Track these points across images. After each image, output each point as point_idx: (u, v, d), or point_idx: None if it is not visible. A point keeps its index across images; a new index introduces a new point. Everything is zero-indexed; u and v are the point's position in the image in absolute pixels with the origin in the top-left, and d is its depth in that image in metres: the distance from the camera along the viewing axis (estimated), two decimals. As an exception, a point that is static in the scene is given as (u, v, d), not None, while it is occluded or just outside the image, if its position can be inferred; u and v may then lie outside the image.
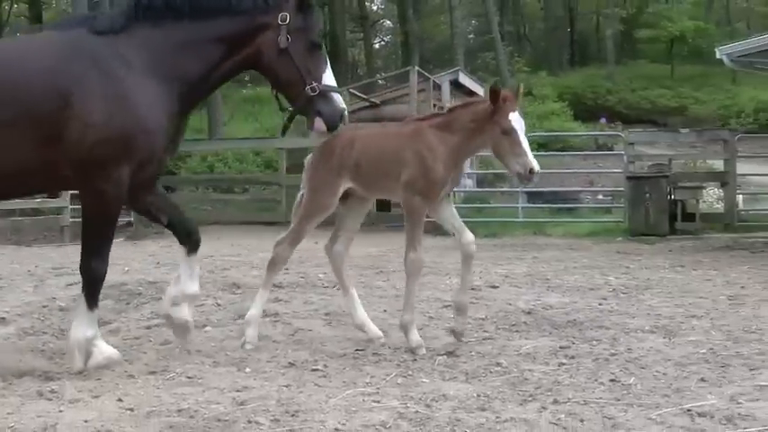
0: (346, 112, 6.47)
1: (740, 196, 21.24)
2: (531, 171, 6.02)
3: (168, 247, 15.08)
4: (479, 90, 29.36)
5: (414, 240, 6.44)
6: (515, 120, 6.12)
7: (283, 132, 7.56)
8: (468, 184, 26.22)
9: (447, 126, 6.46)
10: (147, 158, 6.01)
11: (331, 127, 6.39)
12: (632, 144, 20.40)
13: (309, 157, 7.24)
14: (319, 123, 6.36)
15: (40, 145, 5.78)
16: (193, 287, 6.62)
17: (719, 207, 20.83)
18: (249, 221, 20.84)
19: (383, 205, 20.99)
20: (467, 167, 26.66)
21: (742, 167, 21.12)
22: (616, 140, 31.06)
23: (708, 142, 25.04)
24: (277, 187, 22.42)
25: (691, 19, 54.63)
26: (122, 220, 19.68)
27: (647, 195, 18.30)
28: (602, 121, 39.95)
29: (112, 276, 10.69)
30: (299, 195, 7.25)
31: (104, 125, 5.77)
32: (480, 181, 26.64)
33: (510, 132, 6.11)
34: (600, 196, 24.86)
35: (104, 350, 6.07)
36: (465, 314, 6.73)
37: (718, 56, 21.60)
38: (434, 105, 23.61)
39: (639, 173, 19.54)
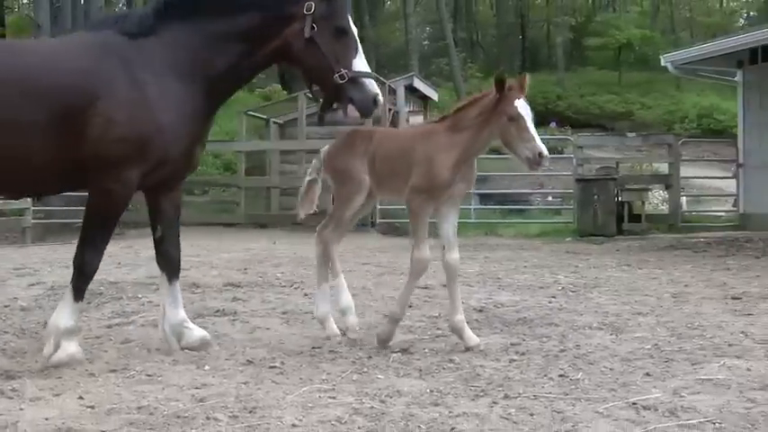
0: (379, 97, 6.22)
1: (684, 198, 21.54)
2: (540, 155, 5.89)
3: (128, 248, 14.99)
4: (433, 95, 29.46)
5: (418, 240, 6.30)
6: (521, 106, 6.00)
7: (320, 122, 7.14)
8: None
9: (455, 126, 6.29)
10: (162, 161, 5.93)
11: (364, 113, 6.23)
12: (581, 148, 20.59)
13: (326, 147, 7.20)
14: (352, 110, 6.16)
15: (66, 144, 5.74)
16: (179, 314, 6.51)
17: (664, 208, 21.06)
18: (208, 222, 20.74)
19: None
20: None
21: (685, 170, 21.40)
22: (566, 144, 31.15)
23: (653, 146, 25.36)
24: (236, 189, 22.38)
25: (637, 28, 55.06)
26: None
27: (596, 197, 18.47)
28: (553, 125, 40.14)
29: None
30: (304, 182, 7.23)
31: (124, 125, 5.73)
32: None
33: (517, 118, 5.97)
34: (550, 198, 25.02)
35: (70, 347, 5.93)
36: (464, 332, 6.43)
37: (663, 63, 21.92)
38: (389, 110, 23.63)
39: (588, 176, 19.71)
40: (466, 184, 6.45)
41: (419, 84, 27.05)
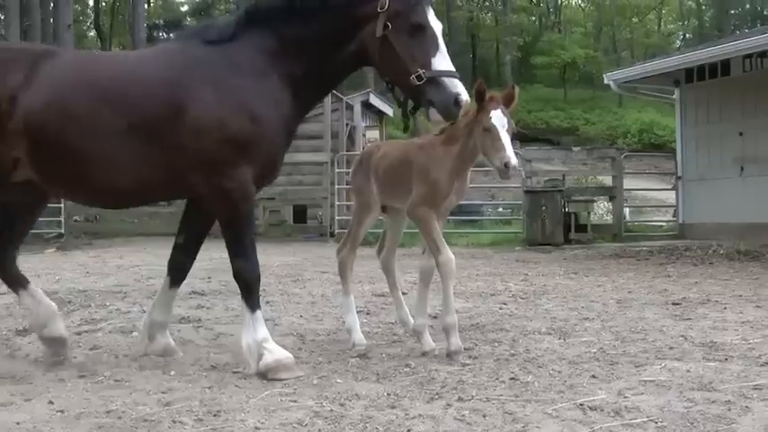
0: (462, 96, 5.57)
1: (627, 209, 21.76)
2: (507, 165, 5.64)
3: (97, 257, 14.84)
4: (389, 111, 29.48)
5: (436, 244, 6.09)
6: (496, 117, 5.79)
7: (405, 129, 6.60)
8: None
9: (450, 137, 6.15)
10: (267, 162, 5.77)
11: (446, 115, 5.62)
12: (530, 161, 20.71)
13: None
14: (434, 113, 5.63)
15: (164, 154, 5.60)
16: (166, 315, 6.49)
17: (608, 219, 21.22)
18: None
19: (299, 217, 20.98)
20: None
21: (628, 183, 21.61)
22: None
23: (597, 160, 25.54)
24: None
25: (581, 48, 55.71)
26: (53, 231, 19.34)
27: (544, 208, 18.57)
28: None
29: (43, 286, 10.49)
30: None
31: (218, 129, 5.54)
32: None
33: (490, 129, 5.78)
34: (500, 209, 25.16)
35: (275, 353, 5.67)
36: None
37: (605, 81, 22.15)
38: (347, 125, 23.65)
39: (536, 187, 19.82)
40: (457, 197, 6.35)
41: (375, 100, 27.11)
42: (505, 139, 5.78)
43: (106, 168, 5.70)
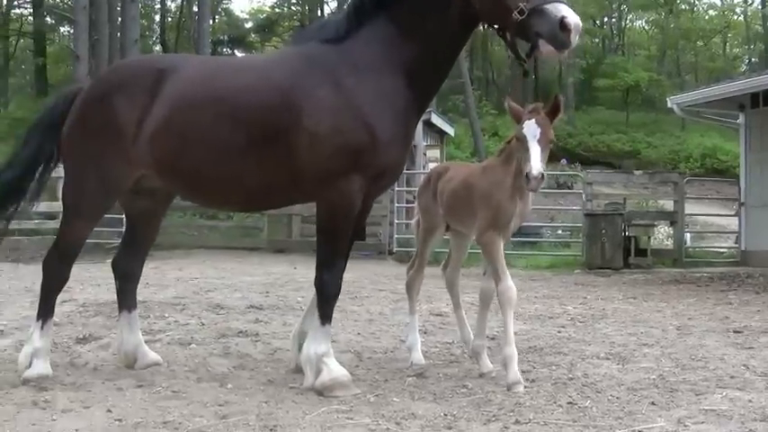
0: (568, 18, 5.08)
1: (688, 234, 21.42)
2: (527, 175, 5.53)
3: (156, 269, 14.99)
4: (450, 130, 29.48)
5: (498, 271, 5.99)
6: (527, 127, 5.69)
7: (525, 74, 6.49)
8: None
9: (507, 157, 6.08)
10: (383, 170, 5.73)
11: (558, 45, 5.17)
12: (590, 184, 20.49)
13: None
14: (544, 45, 5.19)
15: (282, 162, 5.62)
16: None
17: (669, 244, 20.90)
18: (232, 247, 20.73)
19: (356, 234, 20.97)
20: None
21: (690, 208, 21.32)
22: (575, 180, 31.23)
23: (659, 184, 25.21)
24: (259, 215, 22.35)
25: (645, 70, 55.23)
26: (114, 241, 19.60)
27: (604, 231, 18.37)
28: (563, 162, 40.10)
29: (103, 295, 10.64)
30: (413, 222, 7.25)
31: (332, 137, 5.48)
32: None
33: (520, 138, 5.71)
34: (560, 231, 24.93)
35: (333, 370, 5.66)
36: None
37: (669, 105, 21.88)
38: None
39: (596, 210, 19.62)
40: (520, 218, 6.21)
41: (437, 119, 27.07)
42: (534, 148, 5.64)
43: (227, 178, 5.80)
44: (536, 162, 5.58)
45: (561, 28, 5.10)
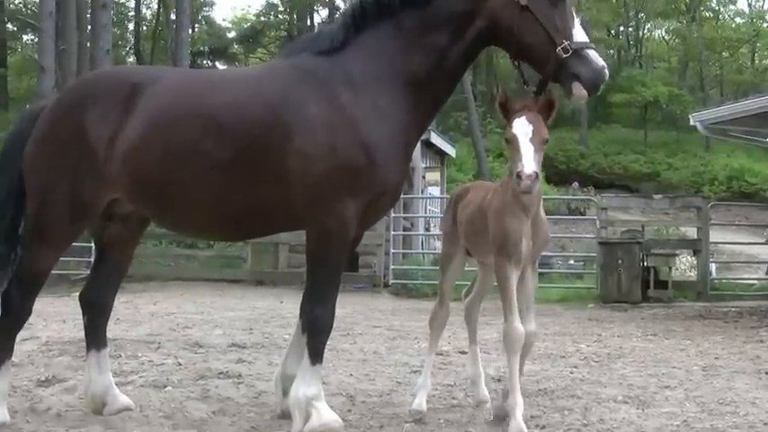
0: (606, 69, 5.66)
1: (713, 264, 21.42)
2: (518, 174, 5.36)
3: (128, 303, 14.95)
4: (451, 150, 29.53)
5: (505, 309, 5.85)
6: (517, 125, 5.55)
7: (536, 93, 6.66)
8: (438, 246, 26.22)
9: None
10: (380, 193, 5.68)
11: (592, 89, 5.60)
12: (605, 209, 20.54)
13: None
14: (578, 89, 5.53)
15: (271, 184, 5.58)
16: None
17: (692, 275, 20.95)
18: (212, 278, 20.74)
19: (350, 265, 20.99)
20: (436, 228, 26.71)
21: (715, 235, 21.32)
22: (588, 205, 31.29)
23: (681, 209, 25.29)
24: (242, 244, 22.35)
25: (665, 85, 55.44)
26: (81, 272, 19.59)
27: (620, 262, 18.38)
28: (575, 185, 40.26)
29: (69, 332, 10.60)
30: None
31: (326, 156, 5.46)
32: (450, 243, 26.65)
33: (510, 139, 5.56)
34: (571, 261, 24.94)
35: (324, 415, 5.58)
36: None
37: (691, 122, 21.90)
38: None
39: (612, 239, 19.66)
40: (535, 242, 5.95)
41: (436, 138, 27.13)
42: (526, 148, 5.48)
43: (209, 201, 5.76)
44: (528, 160, 5.43)
45: (602, 77, 5.60)
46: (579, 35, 5.59)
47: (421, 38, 5.72)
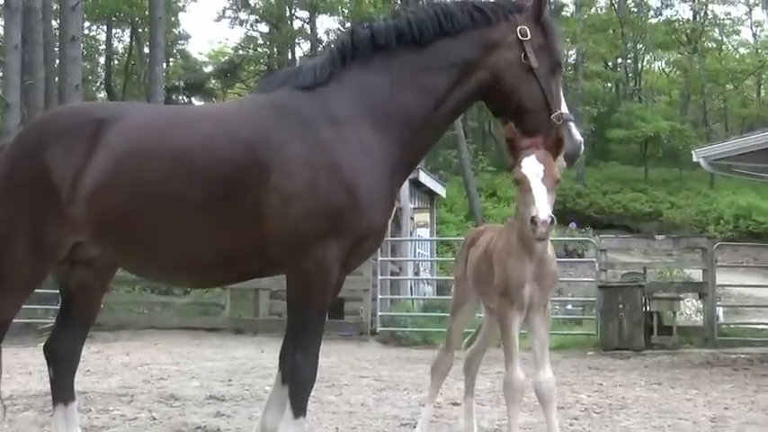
0: (583, 144, 5.96)
1: (720, 308, 21.41)
2: (533, 219, 5.32)
3: (98, 353, 14.87)
4: (441, 190, 29.55)
5: (506, 356, 5.90)
6: (527, 164, 5.54)
7: (510, 169, 6.80)
8: (428, 291, 26.23)
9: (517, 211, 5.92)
10: (364, 235, 5.66)
11: (570, 162, 5.92)
12: (604, 251, 20.56)
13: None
14: (560, 159, 5.76)
15: (246, 225, 5.55)
16: None
17: (698, 320, 20.93)
18: (189, 326, 20.63)
19: (335, 311, 20.95)
20: (426, 272, 26.73)
21: (722, 278, 21.34)
22: (587, 247, 31.31)
23: (685, 250, 25.27)
24: (220, 290, 22.27)
25: (665, 119, 55.61)
26: (48, 321, 19.54)
27: (621, 306, 18.37)
28: (572, 226, 40.31)
29: (34, 385, 10.52)
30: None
31: (307, 197, 5.44)
32: (440, 288, 26.63)
33: (520, 180, 5.55)
34: (569, 306, 24.93)
35: None
36: None
37: (694, 159, 21.97)
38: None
39: (612, 282, 19.66)
40: (540, 284, 5.93)
41: (425, 178, 27.15)
42: (538, 189, 5.47)
43: (182, 245, 5.73)
44: (542, 203, 5.41)
45: (580, 150, 5.89)
46: (565, 107, 5.87)
47: (416, 78, 5.78)
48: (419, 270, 25.81)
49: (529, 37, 5.81)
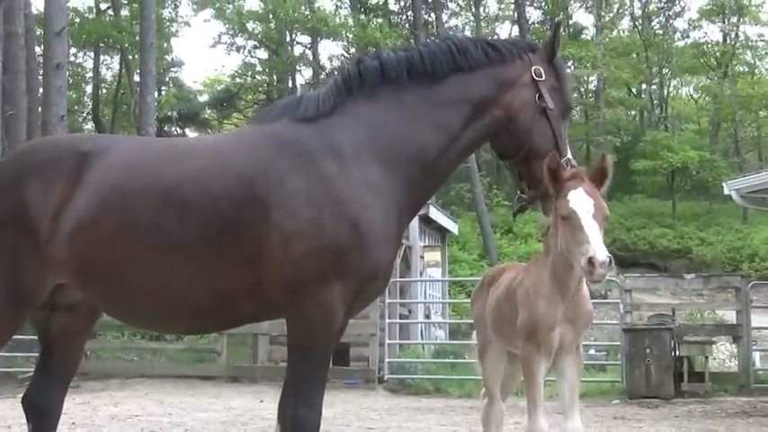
0: None
1: (757, 353, 21.28)
2: (591, 260, 5.23)
3: (85, 404, 14.82)
4: (453, 227, 29.50)
5: (529, 405, 5.86)
6: (575, 198, 5.50)
7: (515, 215, 6.63)
8: (440, 335, 26.12)
9: (546, 246, 5.96)
10: (370, 276, 5.63)
11: None
12: (629, 291, 20.47)
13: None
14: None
15: (243, 266, 5.52)
16: None
17: (732, 365, 20.86)
18: (182, 375, 20.59)
19: (339, 358, 20.90)
20: (437, 315, 26.66)
21: (757, 319, 21.23)
22: (610, 287, 31.13)
23: (716, 290, 25.26)
24: (216, 335, 22.23)
25: (694, 149, 55.49)
26: (29, 370, 19.54)
27: (648, 351, 18.28)
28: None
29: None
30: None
31: (309, 235, 5.42)
32: (453, 332, 26.58)
33: (569, 216, 5.48)
34: (592, 351, 24.84)
35: None
36: None
37: (726, 191, 21.98)
38: (402, 244, 23.63)
39: (638, 325, 19.59)
40: (573, 324, 5.92)
41: (436, 214, 27.14)
42: (590, 226, 5.41)
43: (173, 288, 5.68)
44: (598, 242, 5.34)
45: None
46: (570, 153, 6.02)
47: (428, 114, 5.82)
48: (430, 313, 25.73)
49: (544, 78, 5.91)
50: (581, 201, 5.50)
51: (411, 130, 5.78)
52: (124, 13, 53.91)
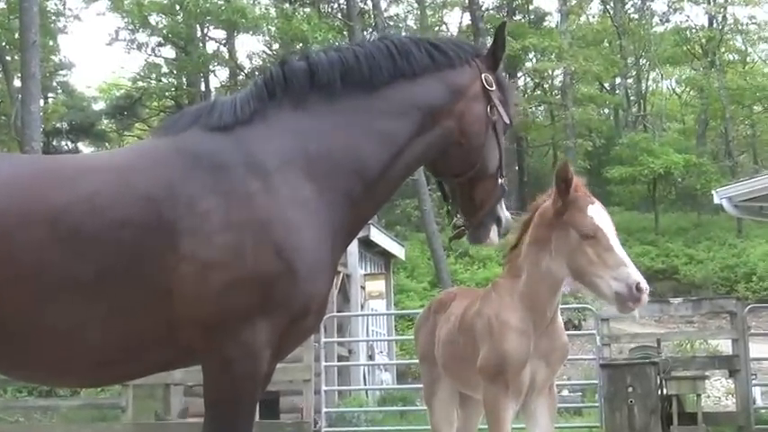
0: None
1: (757, 388, 21.45)
2: (639, 288, 5.27)
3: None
4: (398, 250, 29.49)
5: None
6: (597, 214, 5.62)
7: (450, 240, 6.75)
8: (386, 379, 26.13)
9: (513, 269, 5.99)
10: (302, 311, 5.57)
11: (500, 238, 6.12)
12: (606, 320, 20.58)
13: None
14: (495, 234, 6.02)
15: (150, 305, 5.41)
16: None
17: (729, 404, 21.03)
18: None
19: (267, 409, 20.86)
20: (383, 355, 26.67)
21: (757, 349, 21.42)
22: (584, 315, 31.37)
23: (708, 316, 25.54)
24: (120, 387, 22.09)
25: (678, 152, 55.73)
26: None
27: (630, 390, 18.37)
28: (565, 290, 40.29)
29: None
30: None
31: (228, 265, 5.33)
32: (401, 374, 26.62)
33: (595, 233, 5.55)
34: (566, 392, 24.97)
35: None
36: None
37: (716, 200, 22.15)
38: (337, 273, 23.65)
39: (618, 359, 19.69)
40: (544, 362, 5.96)
41: (378, 236, 27.15)
42: (620, 247, 5.49)
43: (65, 332, 5.54)
44: (632, 266, 5.41)
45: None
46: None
47: (368, 123, 5.81)
48: (374, 353, 25.76)
49: (494, 88, 5.97)
50: (603, 217, 5.65)
51: (347, 140, 5.75)
52: (0, 5, 53.46)
